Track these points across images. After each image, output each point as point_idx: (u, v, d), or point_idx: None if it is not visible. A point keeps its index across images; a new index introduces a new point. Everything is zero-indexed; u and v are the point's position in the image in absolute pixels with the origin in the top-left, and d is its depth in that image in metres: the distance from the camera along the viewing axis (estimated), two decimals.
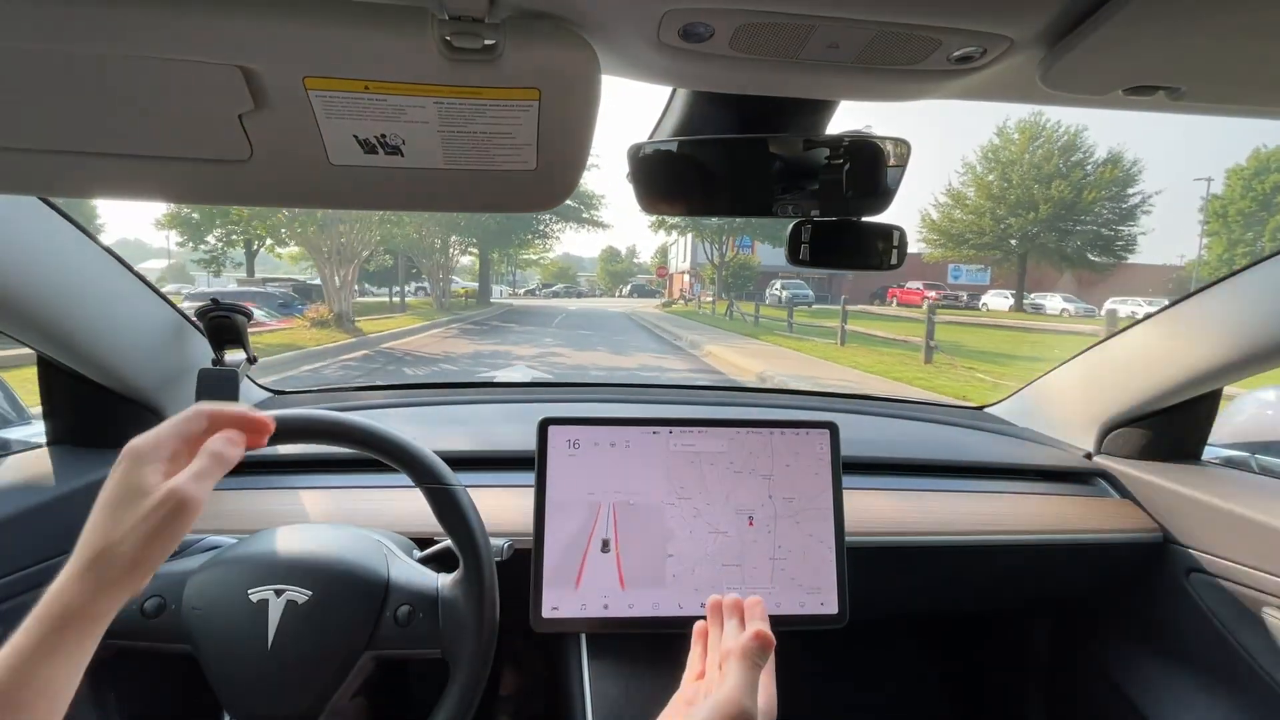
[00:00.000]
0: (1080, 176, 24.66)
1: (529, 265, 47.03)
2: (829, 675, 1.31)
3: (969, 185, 26.97)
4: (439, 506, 0.65)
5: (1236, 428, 1.24)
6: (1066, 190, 24.23)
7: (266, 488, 0.93)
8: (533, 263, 44.31)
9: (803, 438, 0.83)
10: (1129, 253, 25.69)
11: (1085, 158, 25.09)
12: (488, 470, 0.98)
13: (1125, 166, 24.81)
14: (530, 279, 57.45)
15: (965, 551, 0.97)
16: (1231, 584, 0.91)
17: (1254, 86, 0.46)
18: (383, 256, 18.80)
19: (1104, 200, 24.67)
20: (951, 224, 26.95)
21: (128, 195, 0.55)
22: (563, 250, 78.83)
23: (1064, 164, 24.96)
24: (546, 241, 24.05)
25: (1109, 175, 24.57)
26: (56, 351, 0.81)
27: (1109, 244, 25.41)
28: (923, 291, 26.38)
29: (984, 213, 25.87)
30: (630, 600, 0.77)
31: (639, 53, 0.46)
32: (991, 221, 25.67)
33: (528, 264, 44.75)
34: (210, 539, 0.72)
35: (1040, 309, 24.98)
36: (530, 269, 51.89)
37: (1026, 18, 0.40)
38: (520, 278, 55.11)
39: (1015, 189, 25.30)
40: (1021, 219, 24.87)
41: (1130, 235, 25.21)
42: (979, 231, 26.09)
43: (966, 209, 26.58)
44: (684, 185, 0.72)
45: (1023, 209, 24.81)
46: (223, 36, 0.39)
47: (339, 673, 0.61)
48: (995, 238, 25.84)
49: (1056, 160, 25.05)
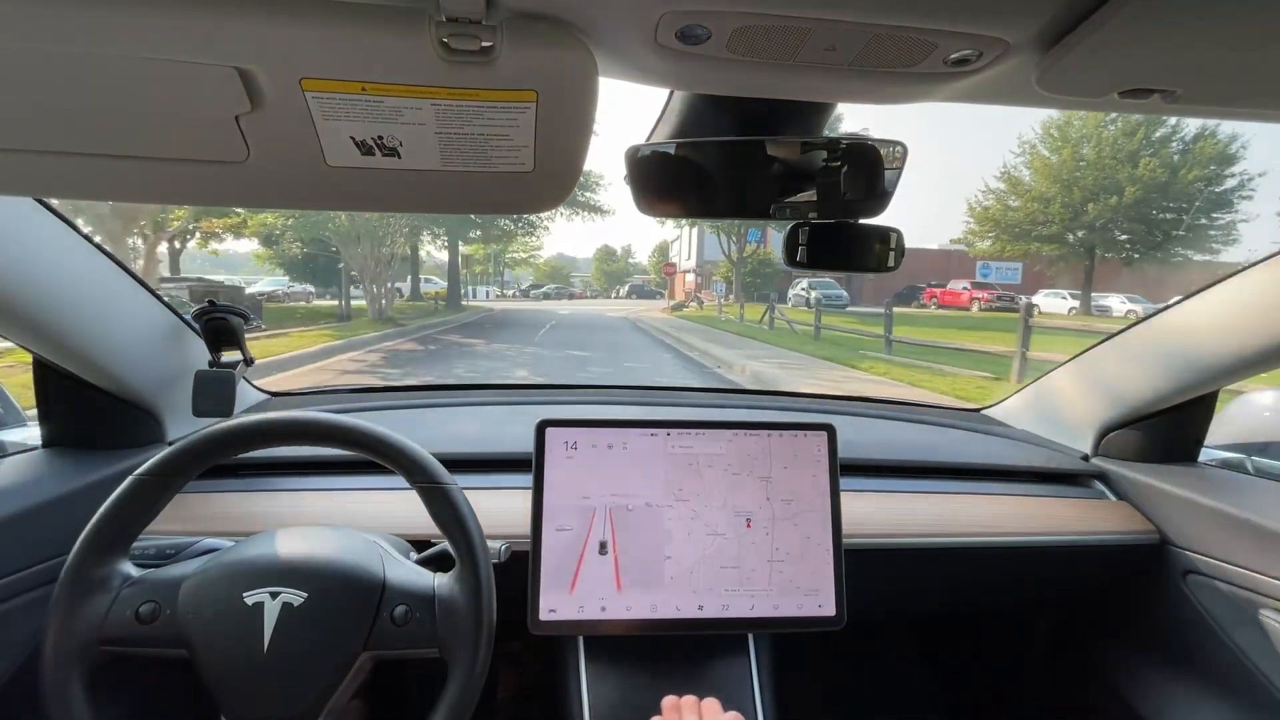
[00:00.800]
0: (1170, 154, 19.55)
1: (518, 265, 44.43)
2: (828, 676, 1.31)
3: (1030, 167, 21.52)
4: (433, 505, 0.65)
5: (1232, 430, 1.24)
6: (1159, 170, 19.07)
7: (262, 490, 0.93)
8: (521, 262, 41.78)
9: (800, 440, 0.83)
10: (1227, 244, 19.96)
11: (1172, 133, 19.67)
12: (485, 472, 0.97)
13: (1224, 143, 19.19)
14: (523, 279, 55.23)
15: (963, 553, 0.97)
16: (1228, 585, 0.91)
17: (1249, 89, 0.46)
18: (331, 252, 14.91)
19: (1202, 182, 19.25)
20: (1006, 213, 21.88)
21: (123, 196, 0.54)
22: (556, 250, 76.54)
23: (1150, 139, 19.76)
24: (534, 234, 21.21)
25: (1207, 151, 19.18)
26: (52, 353, 0.81)
27: (1201, 234, 20.11)
28: (970, 292, 22.52)
29: (1051, 199, 20.51)
30: (628, 602, 0.77)
31: (636, 54, 0.46)
32: (1062, 209, 20.32)
33: (516, 263, 42.35)
34: (205, 542, 0.72)
35: (1106, 311, 20.46)
36: (519, 269, 49.45)
37: (1023, 21, 0.40)
38: (511, 278, 52.96)
39: (1091, 169, 20.09)
40: (1100, 205, 19.70)
41: (1227, 224, 19.73)
42: (1044, 221, 20.88)
43: (1026, 195, 21.35)
44: (682, 187, 0.72)
45: (1103, 192, 19.71)
46: (219, 38, 0.39)
47: (336, 674, 0.60)
48: (1062, 227, 20.73)
49: (1141, 134, 19.65)
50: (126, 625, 0.59)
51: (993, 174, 28.45)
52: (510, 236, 20.98)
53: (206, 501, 0.89)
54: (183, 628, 0.60)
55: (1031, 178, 21.48)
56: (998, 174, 24.13)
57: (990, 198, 22.30)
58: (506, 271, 48.05)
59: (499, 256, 36.79)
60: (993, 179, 24.43)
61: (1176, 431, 1.09)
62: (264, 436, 0.65)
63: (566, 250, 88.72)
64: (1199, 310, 0.94)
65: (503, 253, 32.39)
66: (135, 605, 0.60)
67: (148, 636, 0.60)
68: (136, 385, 0.90)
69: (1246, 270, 0.87)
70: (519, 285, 49.59)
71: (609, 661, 0.82)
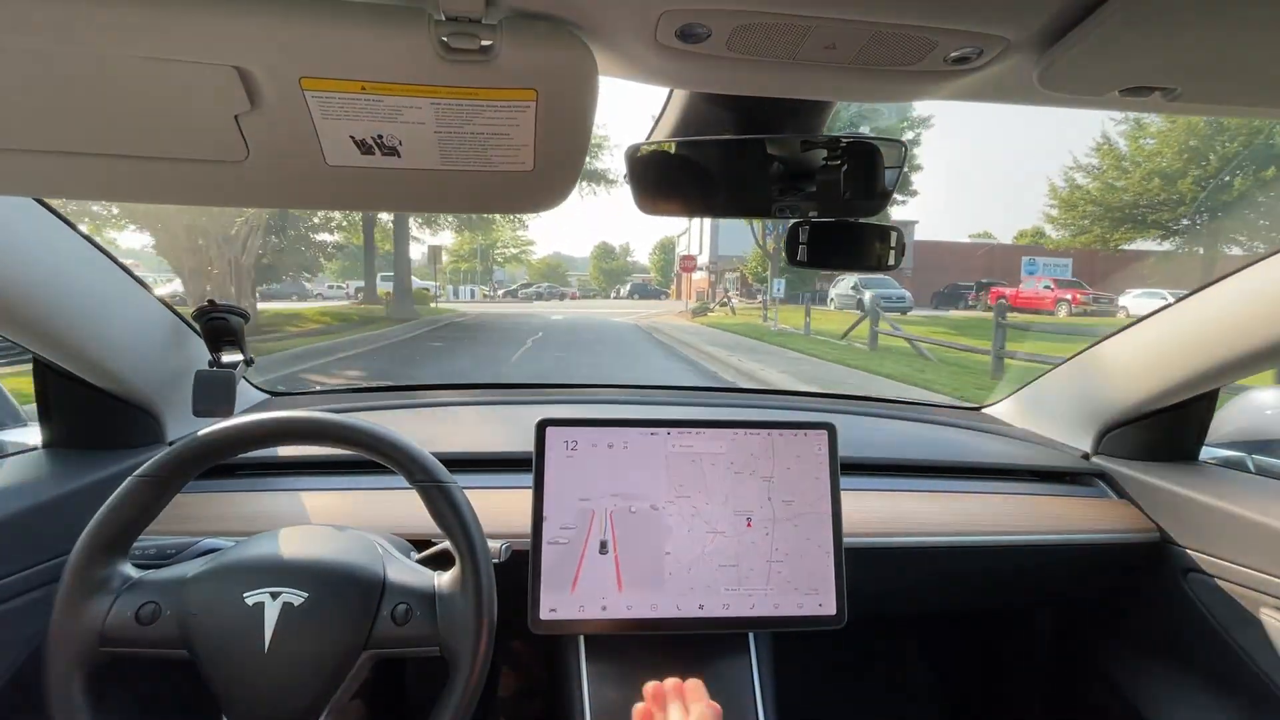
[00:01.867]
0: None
1: (509, 262, 41.23)
2: (828, 675, 1.31)
3: (1142, 136, 16.62)
4: (433, 504, 0.65)
5: (1233, 428, 1.24)
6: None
7: (262, 490, 0.93)
8: (513, 259, 39.19)
9: (801, 439, 0.83)
10: None
11: None
12: (485, 471, 0.97)
13: None
14: (520, 276, 51.06)
15: (962, 552, 0.97)
16: (1229, 584, 0.91)
17: (1250, 87, 0.46)
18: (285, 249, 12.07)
19: None
20: (1106, 194, 17.12)
21: (123, 196, 0.54)
22: (553, 249, 72.55)
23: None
24: (524, 227, 18.81)
25: None
26: (52, 353, 0.81)
27: None
28: (1054, 293, 18.11)
29: (1175, 174, 16.03)
30: (628, 602, 0.77)
31: (636, 53, 0.46)
32: (1192, 184, 15.79)
33: (507, 260, 39.61)
34: (206, 542, 0.72)
35: None
36: (510, 266, 45.38)
37: (1023, 19, 0.40)
38: (506, 276, 48.23)
39: (1223, 136, 15.53)
40: (1243, 179, 15.54)
41: None
42: (1162, 202, 16.36)
43: (1133, 171, 16.69)
44: (682, 186, 0.72)
45: (1251, 162, 15.47)
46: (219, 37, 0.39)
47: (337, 673, 0.60)
48: (1188, 209, 16.17)
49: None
50: (127, 626, 0.59)
51: (1081, 150, 23.39)
52: (493, 227, 17.83)
53: (207, 502, 0.89)
54: (184, 628, 0.60)
55: (1138, 153, 16.63)
56: (1091, 147, 18.80)
57: (1086, 175, 17.67)
58: (500, 270, 43.78)
59: (487, 252, 33.30)
60: (1080, 155, 19.88)
61: (1177, 430, 1.09)
62: (264, 436, 0.65)
63: (564, 249, 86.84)
64: (1199, 308, 0.94)
65: (491, 248, 29.10)
66: (136, 606, 0.60)
67: (148, 637, 0.60)
68: (136, 385, 0.90)
69: (1247, 268, 0.87)
70: (511, 284, 43.47)
71: (609, 661, 0.82)
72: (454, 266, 36.74)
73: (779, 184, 0.71)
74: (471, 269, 37.69)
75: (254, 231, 10.62)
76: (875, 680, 1.38)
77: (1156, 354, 1.01)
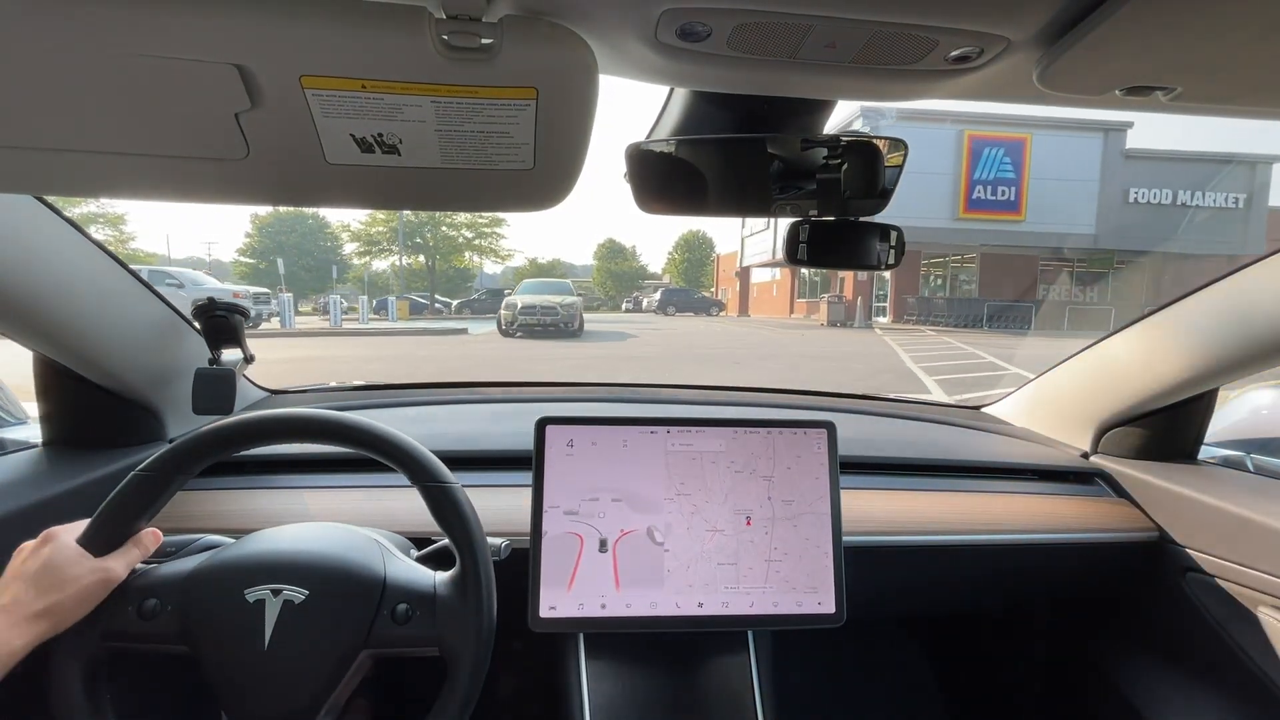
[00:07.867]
0: None
1: (459, 252, 25.56)
2: (828, 674, 1.31)
3: None
4: (435, 504, 0.65)
5: (1232, 427, 1.24)
6: None
7: (263, 487, 0.93)
8: (486, 249, 24.76)
9: (800, 437, 0.83)
10: None
11: None
12: (485, 470, 0.97)
13: None
14: (484, 281, 32.25)
15: (962, 551, 0.97)
16: (1227, 583, 0.91)
17: (1250, 87, 0.46)
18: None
19: None
20: None
21: (123, 194, 0.54)
22: (554, 256, 58.87)
23: None
24: (498, 223, 11.74)
25: None
26: (53, 351, 0.81)
27: None
28: None
29: None
30: (627, 600, 0.77)
31: (636, 52, 0.46)
32: None
33: (460, 250, 24.42)
34: (207, 539, 0.72)
35: None
36: (472, 261, 28.17)
37: (1023, 18, 0.40)
38: (487, 280, 32.20)
39: None
40: None
41: None
42: None
43: None
44: (682, 185, 0.72)
45: None
46: (219, 35, 0.39)
47: (336, 671, 0.60)
48: None
49: None
50: (128, 621, 0.60)
51: None
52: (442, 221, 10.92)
53: (207, 499, 0.89)
54: (184, 624, 0.60)
55: None
56: None
57: None
58: (485, 276, 30.13)
59: (436, 250, 20.60)
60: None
61: (1176, 429, 1.09)
62: (264, 434, 0.65)
63: (564, 256, 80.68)
64: (1200, 308, 0.94)
65: (446, 249, 17.80)
66: (137, 602, 0.60)
67: (149, 633, 0.60)
68: (137, 383, 0.90)
69: (1246, 267, 0.87)
70: (479, 293, 25.41)
71: (609, 659, 0.83)
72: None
73: (779, 182, 0.71)
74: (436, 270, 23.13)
75: None
76: (874, 679, 1.38)
77: (1156, 353, 1.01)
